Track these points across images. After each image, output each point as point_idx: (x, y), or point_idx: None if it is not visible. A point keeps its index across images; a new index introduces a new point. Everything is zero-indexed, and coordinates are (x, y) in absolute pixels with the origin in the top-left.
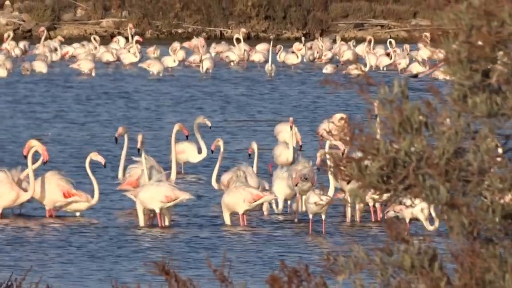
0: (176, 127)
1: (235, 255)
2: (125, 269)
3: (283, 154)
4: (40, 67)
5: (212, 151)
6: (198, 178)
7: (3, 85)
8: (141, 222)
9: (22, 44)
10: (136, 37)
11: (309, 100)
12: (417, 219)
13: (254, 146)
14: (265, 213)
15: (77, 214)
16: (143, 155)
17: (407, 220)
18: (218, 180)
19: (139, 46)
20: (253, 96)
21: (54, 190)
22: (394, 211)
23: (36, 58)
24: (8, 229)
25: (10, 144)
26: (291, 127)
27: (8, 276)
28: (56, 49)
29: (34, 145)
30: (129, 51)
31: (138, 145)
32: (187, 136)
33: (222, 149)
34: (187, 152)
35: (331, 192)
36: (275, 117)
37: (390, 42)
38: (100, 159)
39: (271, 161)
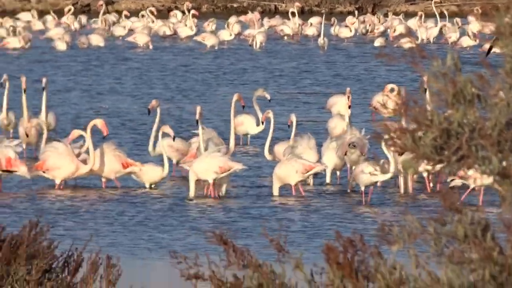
0: (235, 97)
1: (286, 226)
2: (176, 239)
3: (339, 126)
4: (97, 40)
5: (262, 122)
6: (256, 149)
7: (63, 58)
8: (192, 193)
9: (81, 18)
10: (192, 11)
11: (360, 73)
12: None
13: (293, 118)
14: (311, 183)
15: (147, 186)
16: (200, 127)
17: (472, 187)
18: (270, 151)
19: (195, 20)
20: (306, 69)
21: (112, 161)
22: (460, 178)
23: (94, 32)
24: (66, 200)
25: (68, 117)
26: (348, 97)
27: (68, 247)
28: (114, 23)
29: (96, 123)
30: (186, 25)
31: (196, 117)
32: (243, 107)
33: (272, 121)
34: (246, 124)
35: (392, 168)
36: (327, 90)
37: (421, 16)
38: (170, 132)
39: (323, 133)
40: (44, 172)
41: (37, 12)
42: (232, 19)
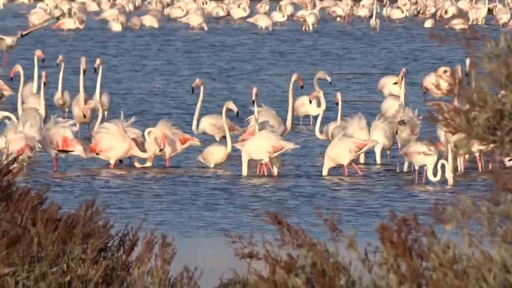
0: (294, 77)
1: (335, 205)
2: (227, 218)
3: (393, 106)
4: (151, 21)
5: (310, 102)
6: (310, 129)
7: (117, 39)
8: (245, 172)
9: None
10: None
11: (411, 54)
12: None
13: (339, 96)
14: (361, 161)
15: (212, 165)
16: (255, 106)
17: None
18: (322, 130)
19: (248, 1)
20: (357, 50)
21: (170, 138)
22: None
23: (148, 13)
24: (121, 180)
25: (122, 97)
26: (402, 78)
27: (122, 226)
28: (168, 4)
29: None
30: (239, 6)
31: (253, 97)
32: (301, 87)
33: (322, 100)
34: (307, 105)
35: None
36: (378, 71)
37: None
38: (234, 107)
39: (374, 114)
40: (97, 154)
41: None
42: (285, 1)
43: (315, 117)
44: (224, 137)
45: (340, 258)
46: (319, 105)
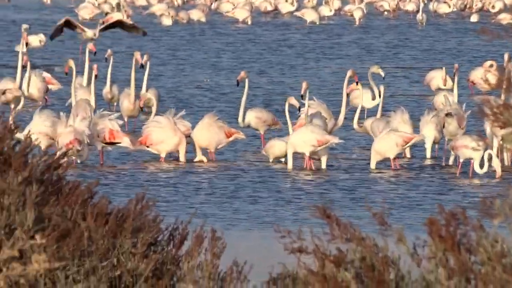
0: (349, 73)
1: (383, 199)
2: (272, 211)
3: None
4: (198, 15)
5: (348, 95)
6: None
7: (165, 33)
8: (290, 165)
9: None
10: None
11: (457, 48)
12: None
13: (382, 89)
14: (408, 155)
15: (271, 159)
16: (306, 99)
17: None
18: (360, 123)
19: None
20: (404, 44)
21: (216, 131)
22: None
23: (197, 7)
24: (170, 173)
25: (170, 90)
26: (454, 74)
27: (171, 220)
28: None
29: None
30: (286, 0)
31: (302, 92)
32: (356, 83)
33: (361, 93)
34: (362, 98)
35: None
36: (424, 65)
37: None
38: (296, 103)
39: (425, 107)
40: (148, 146)
41: None
42: None
43: (370, 110)
44: (269, 130)
45: (389, 252)
46: (374, 97)
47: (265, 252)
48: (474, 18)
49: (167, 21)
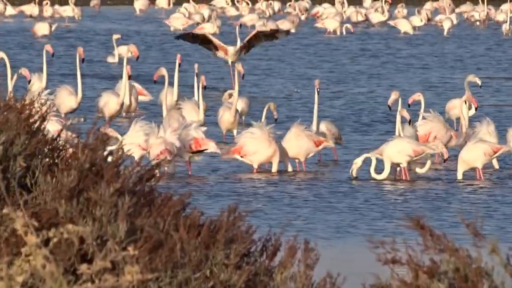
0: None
1: (475, 209)
2: (362, 222)
3: None
4: (288, 26)
5: (409, 105)
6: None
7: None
8: (385, 175)
9: (273, 4)
10: None
11: None
12: None
13: (420, 97)
14: (496, 166)
15: (354, 173)
16: (399, 111)
17: None
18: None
19: (387, 5)
20: (492, 54)
21: (305, 141)
22: None
23: (286, 18)
24: (261, 184)
25: (261, 100)
26: None
27: (264, 230)
28: (306, 9)
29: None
30: (377, 10)
31: (389, 102)
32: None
33: (423, 103)
34: (460, 108)
35: None
36: (510, 75)
37: None
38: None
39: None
40: (242, 157)
41: None
42: (426, 5)
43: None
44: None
45: (482, 263)
46: (470, 107)
47: (357, 263)
48: None
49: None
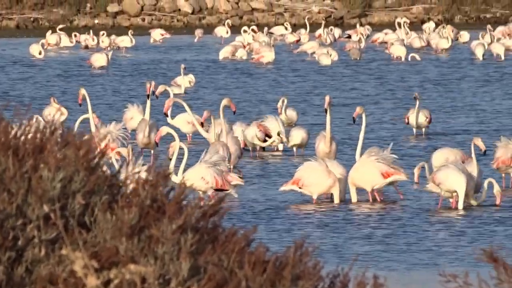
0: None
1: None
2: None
3: None
4: (355, 54)
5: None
6: None
7: (315, 70)
8: (461, 205)
9: (334, 30)
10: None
11: None
12: None
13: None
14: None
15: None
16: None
17: None
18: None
19: (452, 32)
20: None
21: (372, 172)
22: None
23: (346, 44)
24: (323, 215)
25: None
26: None
27: (331, 265)
28: (367, 36)
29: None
30: (441, 36)
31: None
32: None
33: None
34: None
35: None
36: None
37: None
38: (482, 145)
39: None
40: (300, 188)
41: (290, 25)
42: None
43: None
44: None
45: None
46: None
47: None
48: None
49: (325, 61)
